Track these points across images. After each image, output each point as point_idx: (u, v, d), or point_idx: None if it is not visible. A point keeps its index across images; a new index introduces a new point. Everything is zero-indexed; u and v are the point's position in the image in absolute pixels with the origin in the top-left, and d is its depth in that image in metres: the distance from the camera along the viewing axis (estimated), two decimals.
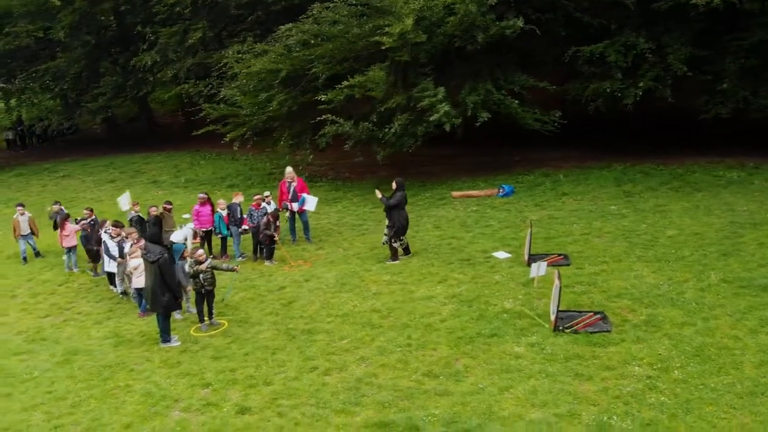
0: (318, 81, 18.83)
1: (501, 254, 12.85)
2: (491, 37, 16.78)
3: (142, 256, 10.35)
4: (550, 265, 11.83)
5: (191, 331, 10.71)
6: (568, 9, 18.23)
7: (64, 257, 14.75)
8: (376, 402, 7.93)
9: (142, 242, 12.33)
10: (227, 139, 20.59)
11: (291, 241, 15.17)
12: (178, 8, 22.73)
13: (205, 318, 10.84)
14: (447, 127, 16.80)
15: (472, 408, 7.60)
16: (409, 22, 15.82)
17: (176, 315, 10.98)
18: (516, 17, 16.47)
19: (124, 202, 15.50)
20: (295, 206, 15.19)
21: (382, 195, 13.25)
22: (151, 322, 11.29)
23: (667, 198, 15.93)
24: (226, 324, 10.80)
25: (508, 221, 15.28)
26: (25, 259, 15.48)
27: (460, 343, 9.20)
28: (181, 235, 14.28)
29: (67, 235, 14.53)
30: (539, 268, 10.96)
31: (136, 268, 11.61)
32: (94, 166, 27.00)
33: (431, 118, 16.48)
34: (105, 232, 12.86)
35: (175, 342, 10.30)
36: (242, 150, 26.62)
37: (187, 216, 18.33)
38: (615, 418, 7.20)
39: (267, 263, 13.90)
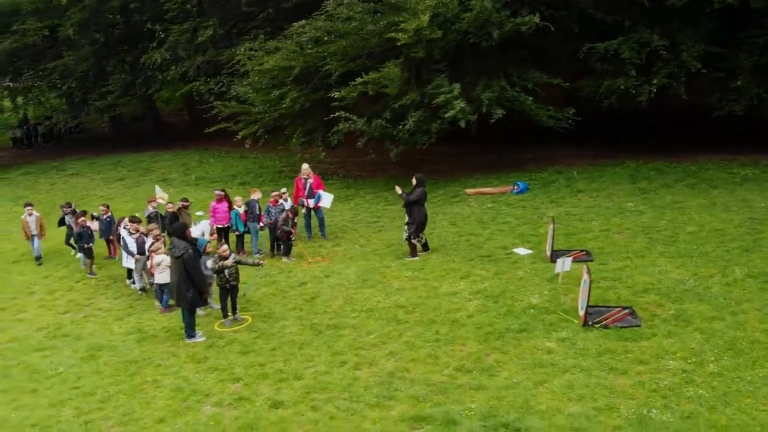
0: (330, 78, 18.80)
1: (522, 250, 12.81)
2: (506, 34, 16.75)
3: (170, 253, 10.28)
4: (576, 260, 11.83)
5: (215, 327, 10.66)
6: (582, 5, 18.21)
7: (80, 254, 14.68)
8: (410, 396, 7.88)
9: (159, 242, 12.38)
10: (239, 137, 20.52)
11: (306, 238, 15.12)
12: (188, 5, 22.66)
13: (229, 313, 10.79)
14: (462, 124, 16.78)
15: (509, 402, 7.56)
16: (425, 18, 15.78)
17: (198, 311, 10.91)
18: (532, 14, 16.42)
19: (161, 195, 15.41)
20: (311, 203, 15.15)
21: (402, 191, 13.21)
22: (174, 318, 11.25)
23: (683, 195, 15.91)
24: (250, 319, 10.74)
25: (525, 218, 15.25)
26: (38, 258, 15.21)
27: (489, 339, 9.16)
28: (198, 230, 14.26)
29: None
30: (564, 264, 10.93)
31: (159, 264, 11.58)
32: (102, 165, 26.92)
33: (446, 115, 16.44)
34: (124, 227, 12.80)
35: (200, 337, 10.24)
36: (251, 148, 26.62)
37: (200, 213, 18.35)
38: (654, 411, 7.16)
39: (285, 259, 13.84)
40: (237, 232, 14.53)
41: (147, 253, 12.14)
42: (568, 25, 18.51)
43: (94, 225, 14.62)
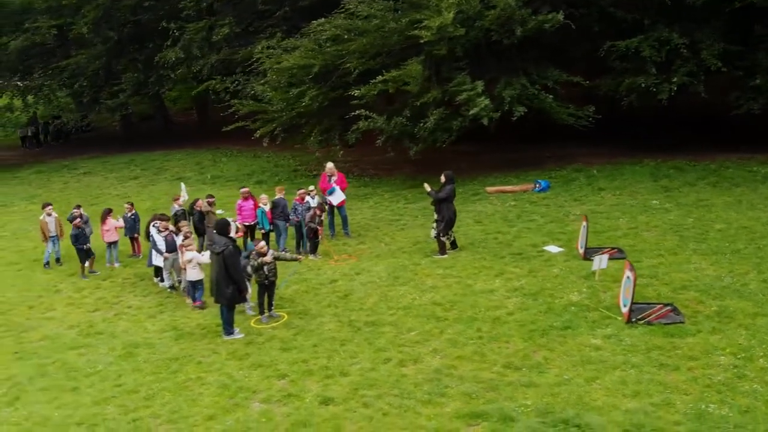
0: (349, 76, 18.74)
1: (553, 248, 12.78)
2: (529, 31, 16.72)
3: (207, 248, 10.22)
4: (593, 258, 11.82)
5: (251, 323, 10.61)
6: (602, 4, 18.19)
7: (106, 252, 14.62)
8: (462, 393, 7.84)
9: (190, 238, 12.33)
10: (257, 135, 20.45)
11: (330, 236, 15.07)
12: (203, 3, 22.58)
13: (265, 310, 10.74)
14: (485, 121, 16.74)
15: (563, 399, 7.52)
16: (450, 15, 15.74)
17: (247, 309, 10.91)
18: (556, 12, 16.41)
19: (184, 194, 15.27)
20: (334, 201, 15.11)
21: (431, 188, 13.17)
22: (208, 315, 11.20)
23: (706, 193, 15.90)
24: (286, 316, 10.69)
25: (550, 216, 15.22)
26: (47, 263, 14.77)
27: (533, 336, 9.12)
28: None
29: (108, 230, 14.39)
30: (601, 262, 10.91)
31: (189, 261, 11.53)
32: (114, 163, 26.81)
33: (471, 112, 16.40)
34: (153, 225, 12.72)
35: (238, 334, 10.19)
36: (264, 147, 26.62)
37: (220, 212, 18.28)
38: (712, 406, 7.13)
39: (311, 257, 13.79)
40: (263, 230, 14.48)
41: (179, 250, 12.07)
42: (587, 24, 18.48)
43: (120, 222, 14.55)
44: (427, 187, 13.27)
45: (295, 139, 21.09)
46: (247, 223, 14.40)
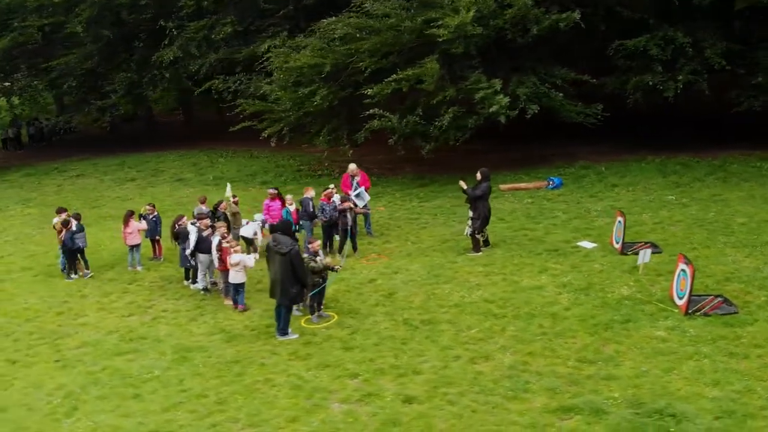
0: (359, 75, 18.71)
1: (586, 244, 12.95)
2: (543, 30, 16.92)
3: (272, 248, 10.07)
4: (635, 253, 12.05)
5: (302, 323, 10.49)
6: (608, 3, 18.52)
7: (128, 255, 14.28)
8: (544, 388, 7.89)
9: (229, 236, 12.14)
10: (265, 135, 20.22)
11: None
12: (205, 2, 22.20)
13: (315, 309, 10.64)
14: (502, 119, 16.88)
15: (648, 390, 7.64)
16: (470, 14, 15.82)
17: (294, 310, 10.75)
18: (572, 11, 16.65)
19: (228, 194, 15.04)
20: (359, 202, 15.02)
21: (467, 186, 13.23)
22: (253, 317, 11.06)
23: (718, 188, 16.33)
24: (336, 316, 10.59)
25: (571, 212, 15.43)
26: (65, 269, 14.23)
27: (597, 330, 9.24)
28: (250, 229, 14.05)
29: (131, 233, 14.05)
30: (645, 256, 11.11)
31: (236, 264, 11.33)
32: (106, 165, 26.19)
33: (491, 110, 16.51)
34: (193, 225, 12.46)
35: (293, 335, 10.07)
36: (261, 148, 26.36)
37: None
38: None
39: (339, 256, 13.71)
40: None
41: (217, 251, 11.86)
42: (594, 23, 18.78)
43: (143, 225, 14.22)
44: (463, 185, 13.32)
45: (302, 138, 20.88)
46: (275, 223, 14.21)
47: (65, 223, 13.88)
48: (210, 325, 10.90)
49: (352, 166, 15.36)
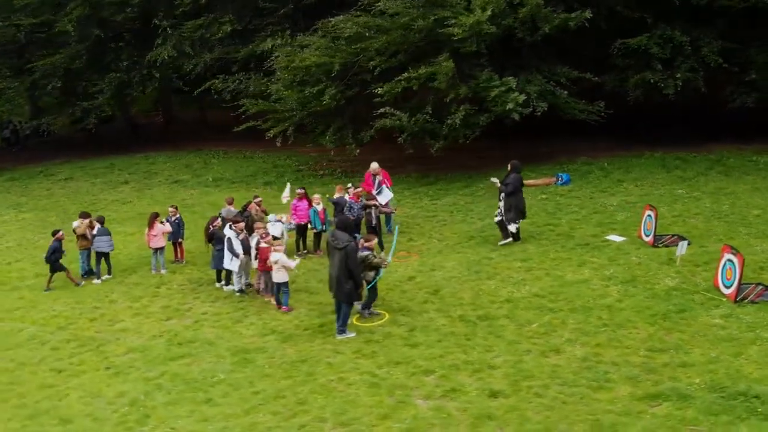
0: (366, 74, 18.77)
1: (615, 237, 13.26)
2: (553, 29, 17.24)
3: (330, 243, 10.05)
4: (672, 245, 12.45)
5: (354, 320, 10.47)
6: (609, 3, 18.97)
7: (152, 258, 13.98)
8: (625, 377, 8.08)
9: (268, 237, 12.04)
10: (271, 135, 20.02)
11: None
12: (202, 0, 21.81)
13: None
14: (516, 116, 17.13)
15: (724, 374, 7.91)
16: (486, 13, 16.01)
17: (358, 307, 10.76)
18: (582, 10, 17.01)
19: (287, 194, 14.97)
20: (382, 200, 15.06)
21: (498, 181, 13.43)
22: (301, 316, 11.02)
23: (722, 182, 16.90)
24: (387, 315, 10.60)
25: (588, 207, 15.76)
26: (86, 273, 14.01)
27: (656, 320, 9.50)
28: (277, 229, 13.91)
29: (155, 236, 13.77)
30: (682, 248, 11.48)
31: (276, 262, 11.24)
32: (95, 168, 25.49)
33: (507, 107, 16.73)
34: (230, 228, 12.28)
35: (351, 333, 10.06)
36: (253, 148, 26.07)
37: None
38: None
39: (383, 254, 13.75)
40: (315, 230, 14.28)
41: (256, 251, 11.73)
42: (596, 22, 19.21)
43: (167, 227, 13.93)
44: (496, 182, 13.49)
45: (307, 138, 20.74)
46: (302, 223, 14.15)
47: (54, 233, 13.72)
48: (259, 326, 10.78)
49: (374, 165, 15.37)
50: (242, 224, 12.37)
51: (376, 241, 10.85)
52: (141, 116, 36.32)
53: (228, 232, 12.32)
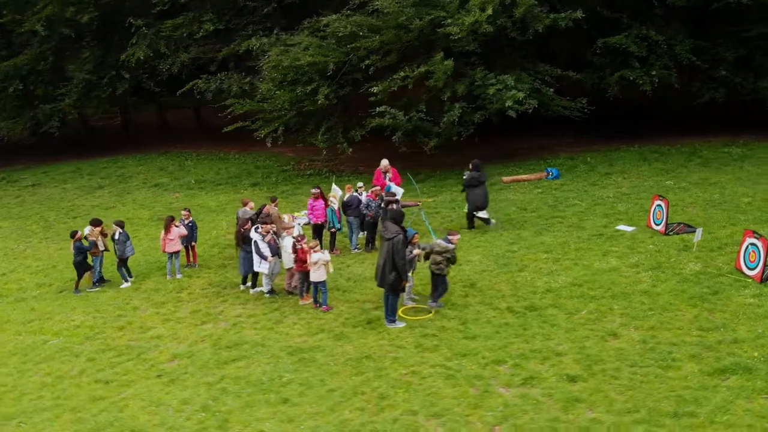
0: (358, 73, 18.87)
1: (625, 227, 13.89)
2: (545, 29, 17.81)
3: (381, 234, 10.18)
4: (681, 232, 13.19)
5: (399, 313, 10.60)
6: (592, 4, 19.76)
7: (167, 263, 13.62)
8: (688, 356, 8.55)
9: (303, 240, 11.99)
10: (261, 135, 19.79)
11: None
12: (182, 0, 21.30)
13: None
14: (513, 114, 17.61)
15: None
16: (487, 13, 16.39)
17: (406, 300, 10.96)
18: (573, 10, 17.65)
19: (338, 192, 14.87)
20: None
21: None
22: (344, 313, 11.03)
23: (703, 173, 17.89)
24: (433, 312, 10.75)
25: (587, 200, 16.39)
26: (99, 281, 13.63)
27: (695, 302, 10.07)
28: (296, 229, 13.85)
29: (172, 239, 13.42)
30: (698, 234, 12.19)
31: (315, 263, 11.23)
32: (61, 173, 24.53)
33: (506, 104, 17.15)
34: (255, 230, 12.12)
35: (400, 323, 10.23)
36: (228, 149, 25.63)
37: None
38: None
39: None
40: (333, 229, 14.27)
41: (293, 253, 11.65)
42: (576, 22, 19.94)
43: (183, 230, 13.61)
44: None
45: (297, 138, 20.60)
46: (319, 223, 14.11)
47: (72, 234, 13.26)
48: (303, 326, 10.74)
49: (385, 162, 15.51)
50: (269, 226, 12.25)
51: (459, 236, 11.05)
52: (95, 119, 35.04)
53: (254, 235, 12.19)
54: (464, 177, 14.70)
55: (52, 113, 24.47)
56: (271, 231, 12.19)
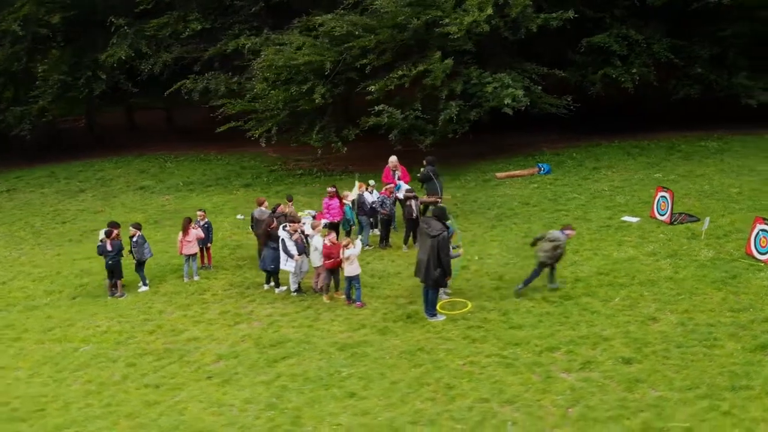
0: (353, 72, 18.98)
1: (630, 218, 14.50)
2: (537, 28, 18.33)
3: (423, 230, 10.39)
4: (683, 222, 13.90)
5: (437, 307, 10.83)
6: (575, 3, 20.41)
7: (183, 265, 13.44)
8: (728, 335, 9.10)
9: (332, 234, 12.07)
10: (255, 136, 19.63)
11: (394, 228, 15.32)
12: None
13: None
14: (509, 111, 18.06)
15: None
16: (487, 12, 16.76)
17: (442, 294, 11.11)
18: (564, 10, 18.22)
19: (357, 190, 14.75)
20: (401, 195, 15.39)
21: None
22: (380, 309, 11.22)
23: (687, 165, 18.75)
24: (470, 304, 10.99)
25: (585, 193, 16.97)
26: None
27: (719, 286, 10.67)
28: (307, 227, 13.90)
29: (190, 241, 13.24)
30: (706, 223, 12.88)
31: (348, 258, 11.34)
32: (35, 178, 23.69)
33: (506, 102, 17.57)
34: (283, 229, 12.12)
35: (441, 316, 10.48)
36: (207, 150, 25.26)
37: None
38: None
39: (405, 249, 14.09)
40: (353, 226, 14.39)
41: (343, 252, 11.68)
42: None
43: (200, 232, 13.44)
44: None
45: (290, 138, 20.52)
46: (334, 221, 14.17)
47: (109, 233, 12.83)
48: (342, 323, 10.84)
49: (393, 159, 15.67)
50: (297, 225, 12.28)
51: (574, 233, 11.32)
52: (60, 121, 33.88)
53: (282, 233, 12.21)
54: (421, 172, 15.16)
55: (23, 116, 23.56)
56: (298, 230, 12.22)
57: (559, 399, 8.05)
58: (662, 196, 14.28)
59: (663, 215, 14.15)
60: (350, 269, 11.39)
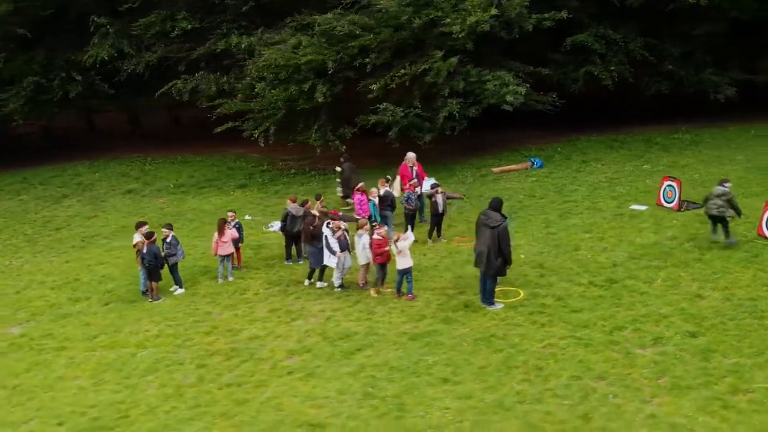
0: (351, 71, 19.21)
1: (639, 206, 15.41)
2: (531, 28, 19.09)
3: (482, 221, 10.79)
4: (689, 209, 14.91)
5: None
6: (558, 4, 21.32)
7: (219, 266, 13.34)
8: (749, 312, 9.94)
9: (383, 229, 12.33)
10: (255, 136, 19.50)
11: (420, 221, 15.66)
12: None
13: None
14: (509, 108, 18.72)
15: None
16: (490, 12, 17.32)
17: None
18: (557, 11, 19.04)
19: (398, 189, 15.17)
20: (419, 189, 15.77)
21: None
22: (432, 300, 11.55)
23: (668, 157, 19.97)
24: (522, 293, 11.46)
25: (585, 185, 17.82)
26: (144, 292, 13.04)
27: (746, 265, 11.58)
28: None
29: (225, 242, 13.17)
30: None
31: (400, 252, 11.63)
32: (8, 184, 23.08)
33: (507, 99, 18.20)
34: (327, 226, 12.25)
35: (499, 305, 10.93)
36: (186, 151, 24.83)
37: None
38: None
39: (430, 243, 14.49)
40: (375, 223, 14.59)
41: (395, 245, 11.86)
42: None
43: (235, 233, 13.36)
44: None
45: (287, 137, 20.48)
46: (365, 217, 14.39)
47: (149, 236, 12.58)
48: (400, 314, 11.13)
49: (411, 155, 15.98)
50: (340, 222, 12.45)
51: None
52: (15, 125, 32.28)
53: (325, 230, 12.36)
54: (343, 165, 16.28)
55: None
56: (341, 227, 12.38)
57: (646, 371, 8.66)
58: (669, 185, 15.25)
59: (670, 203, 15.12)
60: (403, 262, 11.67)
